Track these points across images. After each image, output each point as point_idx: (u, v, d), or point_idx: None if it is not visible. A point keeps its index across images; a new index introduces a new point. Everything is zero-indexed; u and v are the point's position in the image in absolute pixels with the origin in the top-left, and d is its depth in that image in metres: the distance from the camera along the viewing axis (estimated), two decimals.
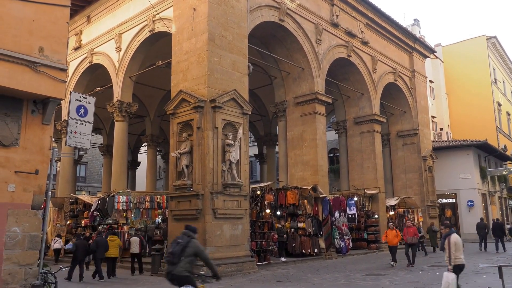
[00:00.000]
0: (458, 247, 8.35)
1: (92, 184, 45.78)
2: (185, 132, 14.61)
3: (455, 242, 8.37)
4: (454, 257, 8.28)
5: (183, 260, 6.65)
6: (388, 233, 16.70)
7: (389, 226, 17.26)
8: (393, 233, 16.53)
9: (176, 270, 6.57)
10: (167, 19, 16.87)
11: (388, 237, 16.60)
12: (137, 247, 14.99)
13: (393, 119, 28.92)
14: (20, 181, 7.76)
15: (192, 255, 6.78)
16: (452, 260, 8.29)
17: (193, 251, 6.81)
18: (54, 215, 21.23)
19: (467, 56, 43.63)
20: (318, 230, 18.70)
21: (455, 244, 8.35)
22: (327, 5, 21.64)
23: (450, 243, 8.36)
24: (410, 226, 17.62)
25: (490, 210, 34.05)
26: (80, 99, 9.27)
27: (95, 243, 14.59)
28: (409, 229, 17.09)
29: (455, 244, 8.35)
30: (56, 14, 8.20)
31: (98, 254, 14.10)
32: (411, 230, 17.04)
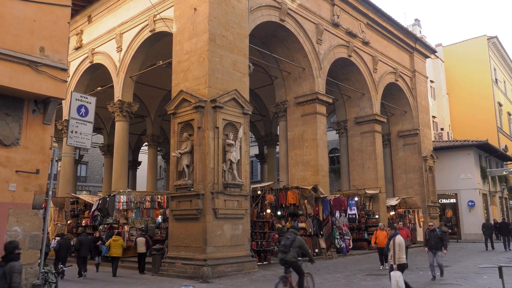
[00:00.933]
0: (401, 247, 9.00)
1: (93, 184, 45.82)
2: (185, 132, 14.62)
3: (399, 243, 9.01)
4: (398, 256, 8.92)
5: (292, 250, 9.07)
6: (379, 234, 15.49)
7: (379, 227, 15.98)
8: (383, 234, 15.18)
9: (287, 257, 9.09)
10: (168, 19, 16.88)
11: (378, 238, 15.43)
12: (143, 247, 15.18)
13: (393, 119, 28.91)
14: (21, 180, 7.77)
15: (297, 247, 9.14)
16: (397, 260, 8.92)
17: (298, 244, 9.16)
18: (54, 215, 21.27)
19: (468, 56, 43.60)
20: (318, 230, 18.70)
21: (399, 245, 9.00)
22: (328, 5, 21.64)
23: (394, 244, 9.04)
24: (402, 228, 16.44)
25: (490, 210, 34.02)
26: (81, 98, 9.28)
27: (79, 242, 14.85)
28: (401, 231, 15.80)
29: (398, 245, 9.00)
30: (57, 14, 8.21)
31: (82, 253, 14.60)
32: (403, 232, 15.39)
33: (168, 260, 14.42)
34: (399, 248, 8.99)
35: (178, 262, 13.93)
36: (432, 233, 13.15)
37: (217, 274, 13.20)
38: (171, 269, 14.07)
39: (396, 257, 8.95)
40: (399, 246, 9.00)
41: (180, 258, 13.96)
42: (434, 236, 13.06)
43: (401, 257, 8.98)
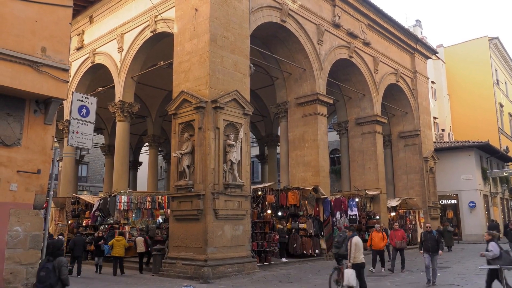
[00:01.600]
0: (358, 248, 9.72)
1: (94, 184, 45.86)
2: (186, 133, 14.63)
3: (355, 243, 9.74)
4: (354, 256, 9.67)
5: (343, 245, 10.57)
6: (374, 235, 15.12)
7: (376, 228, 15.49)
8: (379, 235, 15.05)
9: (340, 251, 10.82)
10: (169, 20, 16.90)
11: (374, 240, 15.04)
12: (142, 246, 15.36)
13: (394, 120, 28.91)
14: (22, 180, 7.78)
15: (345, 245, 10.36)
16: (352, 259, 9.69)
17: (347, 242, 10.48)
18: (55, 215, 21.29)
19: (469, 57, 43.58)
20: (319, 231, 18.70)
21: (355, 245, 9.73)
22: (329, 6, 21.65)
23: (351, 244, 9.79)
24: (398, 229, 16.11)
25: (491, 211, 34.00)
26: (82, 99, 9.29)
27: (73, 242, 14.97)
28: (396, 233, 15.60)
29: (355, 245, 9.73)
30: (59, 14, 8.22)
31: (76, 253, 14.79)
32: (399, 233, 15.56)
33: (168, 260, 14.43)
34: (356, 249, 9.66)
35: (179, 262, 13.94)
36: (429, 235, 12.52)
37: (217, 274, 13.20)
38: (172, 269, 14.08)
39: (352, 256, 9.65)
40: (355, 246, 9.68)
41: (180, 259, 13.97)
42: (431, 238, 12.43)
43: (357, 257, 9.67)
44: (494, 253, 8.81)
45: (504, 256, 8.68)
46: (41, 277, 6.59)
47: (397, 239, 15.24)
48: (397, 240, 15.22)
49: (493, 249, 8.86)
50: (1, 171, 7.57)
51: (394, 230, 15.95)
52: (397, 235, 15.42)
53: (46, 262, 6.72)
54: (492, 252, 8.86)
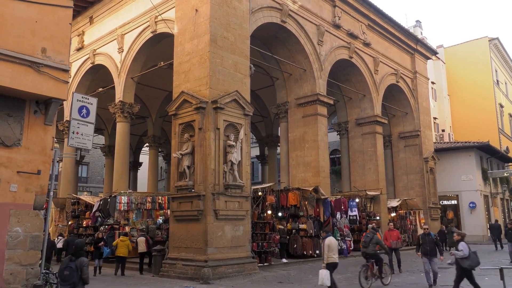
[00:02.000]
0: (331, 248, 9.90)
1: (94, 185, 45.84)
2: (186, 133, 14.63)
3: (328, 244, 9.91)
4: (327, 256, 9.82)
5: (371, 245, 12.04)
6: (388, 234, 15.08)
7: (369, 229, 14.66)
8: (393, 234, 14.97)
9: (367, 250, 12.04)
10: (169, 20, 16.89)
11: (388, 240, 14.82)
12: (144, 246, 15.41)
13: (394, 121, 28.90)
14: (22, 181, 7.78)
15: (375, 243, 12.13)
16: (325, 259, 9.84)
17: (376, 241, 12.21)
18: (55, 216, 21.30)
19: (469, 58, 43.58)
20: (319, 232, 18.67)
21: (328, 246, 9.89)
22: (329, 7, 21.65)
23: (324, 245, 9.99)
24: (393, 229, 15.66)
25: (492, 211, 33.97)
26: (82, 99, 9.29)
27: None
28: (391, 233, 15.20)
29: (328, 246, 9.89)
30: (59, 15, 8.22)
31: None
32: (394, 233, 15.19)
33: (168, 261, 14.41)
34: (329, 249, 9.85)
35: (179, 263, 13.93)
36: (427, 237, 11.87)
37: (217, 275, 13.19)
38: (172, 270, 14.06)
39: (325, 256, 9.86)
40: (328, 247, 9.87)
41: (180, 259, 13.95)
42: (429, 240, 11.79)
43: (330, 257, 9.84)
44: (464, 252, 9.11)
45: (472, 256, 9.09)
46: (65, 276, 6.81)
47: (392, 239, 14.83)
48: (392, 240, 14.81)
49: (463, 249, 9.16)
50: (1, 171, 7.57)
51: (389, 230, 15.48)
52: (392, 235, 15.06)
53: (69, 262, 6.95)
54: (462, 251, 9.15)
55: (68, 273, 6.80)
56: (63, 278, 6.82)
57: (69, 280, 6.77)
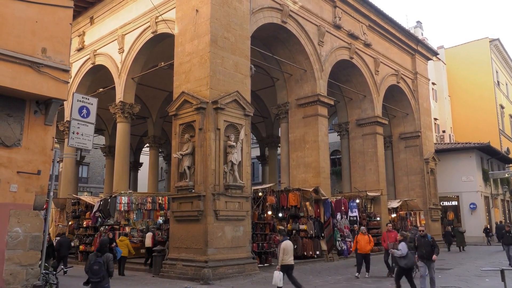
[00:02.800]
0: (286, 251, 10.33)
1: (94, 185, 45.84)
2: (187, 134, 14.62)
3: (284, 248, 10.33)
4: (282, 259, 10.28)
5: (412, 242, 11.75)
6: (360, 238, 14.33)
7: (361, 231, 14.68)
8: (365, 238, 14.25)
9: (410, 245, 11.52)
10: (170, 21, 16.89)
11: (359, 243, 14.23)
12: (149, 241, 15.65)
13: (395, 121, 28.88)
14: (22, 181, 7.78)
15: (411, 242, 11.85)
16: (280, 261, 10.32)
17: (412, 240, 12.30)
18: (56, 216, 21.27)
19: (470, 59, 43.56)
20: (319, 232, 18.67)
21: (284, 249, 10.32)
22: (330, 7, 21.64)
23: (280, 248, 10.43)
24: (391, 230, 15.03)
25: (492, 213, 33.94)
26: (82, 100, 9.29)
27: (58, 243, 15.04)
28: (389, 234, 14.58)
29: (283, 249, 10.32)
30: (59, 15, 8.22)
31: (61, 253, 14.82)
32: (392, 235, 14.46)
33: (169, 261, 14.40)
34: (284, 252, 10.29)
35: (179, 263, 13.92)
36: (423, 240, 10.99)
37: (217, 275, 13.18)
38: (172, 270, 14.05)
39: (280, 259, 10.33)
40: (283, 250, 10.31)
41: (181, 260, 13.94)
42: (425, 243, 10.91)
43: (285, 259, 10.29)
44: (401, 252, 10.14)
45: (409, 256, 10.13)
46: (95, 270, 7.55)
47: (390, 241, 14.18)
48: (390, 241, 14.15)
49: (402, 249, 10.20)
50: (1, 171, 7.57)
51: (387, 231, 14.92)
52: (390, 236, 14.43)
53: (97, 258, 7.68)
54: (401, 251, 10.18)
55: (97, 267, 7.56)
56: (93, 272, 7.57)
57: (98, 274, 7.55)
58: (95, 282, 7.61)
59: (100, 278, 7.60)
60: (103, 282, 7.67)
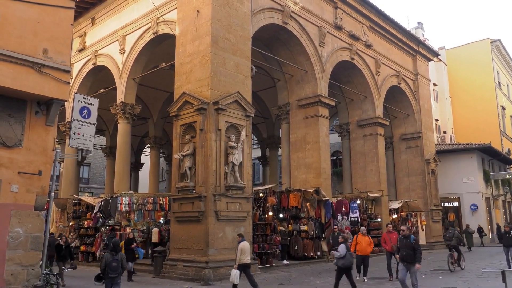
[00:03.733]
0: (243, 251, 11.07)
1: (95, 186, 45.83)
2: (188, 134, 14.63)
3: (241, 248, 11.05)
4: (239, 258, 10.98)
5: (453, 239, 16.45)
6: (360, 239, 13.44)
7: (361, 231, 13.98)
8: (365, 239, 13.45)
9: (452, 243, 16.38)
10: (171, 22, 16.91)
11: (359, 244, 13.36)
12: (156, 237, 15.75)
13: (396, 122, 28.86)
14: (23, 182, 7.78)
15: (457, 237, 16.72)
16: (237, 261, 11.00)
17: (457, 236, 16.87)
18: (57, 216, 21.29)
19: (471, 60, 43.53)
20: (320, 233, 18.66)
21: (241, 250, 11.04)
22: (331, 8, 21.65)
23: (238, 248, 11.13)
24: (392, 231, 14.31)
25: (493, 214, 33.90)
26: (83, 100, 9.29)
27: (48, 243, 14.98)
28: (391, 235, 13.84)
29: (241, 250, 11.04)
30: (60, 15, 8.23)
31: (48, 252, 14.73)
32: (393, 236, 13.74)
33: (169, 262, 14.40)
34: (241, 252, 11.02)
35: (180, 264, 13.91)
36: (404, 241, 9.98)
37: (218, 276, 13.17)
38: (173, 271, 14.05)
39: (237, 258, 11.03)
40: (241, 251, 11.05)
41: (181, 260, 13.94)
42: (406, 245, 9.87)
43: (242, 259, 11.02)
44: (340, 253, 10.62)
45: (347, 257, 10.62)
46: (114, 267, 8.51)
47: (393, 243, 13.37)
48: (393, 243, 13.32)
49: (341, 250, 10.67)
50: (2, 172, 7.58)
51: (388, 232, 14.15)
52: (392, 238, 13.69)
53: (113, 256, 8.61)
54: (339, 252, 10.65)
55: (115, 264, 8.54)
56: (111, 268, 8.50)
57: (116, 270, 8.55)
58: (112, 277, 8.54)
59: (117, 274, 8.57)
60: (118, 277, 8.66)
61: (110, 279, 8.57)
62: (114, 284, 8.65)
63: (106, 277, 8.57)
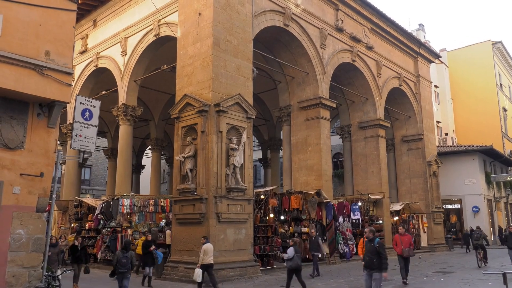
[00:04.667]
0: (206, 252, 11.77)
1: (97, 187, 45.90)
2: (189, 136, 14.65)
3: (205, 249, 11.78)
4: (202, 259, 11.69)
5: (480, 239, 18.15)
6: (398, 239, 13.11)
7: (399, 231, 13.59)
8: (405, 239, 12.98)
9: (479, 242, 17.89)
10: (173, 24, 16.96)
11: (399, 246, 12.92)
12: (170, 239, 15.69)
13: (397, 124, 28.86)
14: (25, 183, 7.80)
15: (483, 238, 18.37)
16: (200, 261, 11.71)
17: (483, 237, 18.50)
18: (58, 218, 21.31)
19: (473, 61, 43.50)
20: (322, 235, 18.63)
21: (204, 250, 11.75)
22: (332, 10, 21.67)
23: (201, 249, 11.84)
24: (404, 233, 13.55)
25: (495, 216, 33.81)
26: (85, 102, 9.31)
27: None
28: (402, 238, 13.03)
29: (204, 250, 11.75)
30: (63, 18, 8.27)
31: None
32: (405, 238, 13.00)
33: (171, 264, 14.41)
34: (204, 253, 11.73)
35: (181, 266, 13.92)
36: (369, 245, 8.83)
37: (220, 278, 13.15)
38: (174, 273, 14.05)
39: (200, 259, 11.73)
40: (204, 251, 11.75)
41: (183, 262, 13.95)
42: (370, 249, 8.72)
43: (205, 259, 11.71)
44: (288, 255, 11.24)
45: (294, 258, 11.19)
46: (124, 263, 9.68)
47: (404, 246, 12.74)
48: (404, 247, 12.72)
49: (289, 253, 11.26)
50: (4, 174, 7.60)
51: (400, 234, 13.34)
52: (403, 240, 12.93)
53: (124, 254, 9.79)
54: (288, 255, 11.29)
55: (125, 261, 9.69)
56: (122, 264, 9.67)
57: (126, 266, 9.70)
58: (123, 272, 9.70)
59: (127, 269, 9.69)
60: (128, 272, 9.79)
61: (121, 274, 9.71)
62: (124, 278, 9.74)
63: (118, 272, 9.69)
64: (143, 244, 14.12)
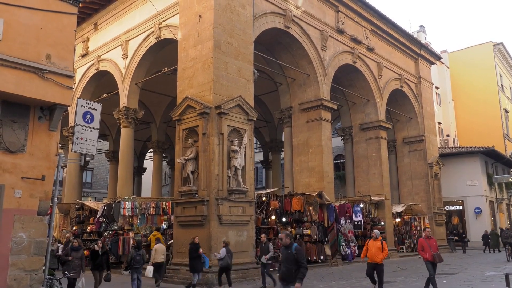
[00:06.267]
0: (158, 252, 13.10)
1: (98, 190, 45.91)
2: (190, 138, 14.65)
3: (156, 249, 13.17)
4: (153, 257, 13.02)
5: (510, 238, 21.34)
6: (371, 244, 11.37)
7: (372, 236, 11.75)
8: (377, 245, 11.25)
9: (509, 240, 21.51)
10: (173, 26, 16.99)
11: (370, 250, 11.30)
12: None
13: (399, 126, 28.83)
14: (26, 187, 7.80)
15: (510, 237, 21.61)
16: (152, 260, 13.04)
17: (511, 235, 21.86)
18: (60, 221, 21.34)
19: (474, 63, 43.45)
20: (323, 237, 18.61)
21: (156, 250, 13.13)
22: (333, 12, 21.69)
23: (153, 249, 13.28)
24: (431, 237, 11.72)
25: (497, 217, 33.72)
26: (86, 105, 9.32)
27: None
28: (430, 241, 11.39)
29: (156, 250, 13.14)
30: (63, 21, 8.28)
31: None
32: (432, 242, 11.41)
33: (172, 266, 14.40)
34: (156, 252, 13.08)
35: (183, 269, 13.90)
36: (285, 252, 7.33)
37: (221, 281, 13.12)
38: (176, 275, 14.04)
39: (152, 258, 13.07)
40: (155, 251, 13.12)
41: (184, 265, 13.91)
42: (287, 257, 7.23)
43: (156, 258, 13.01)
44: (220, 256, 12.32)
45: (225, 258, 12.25)
46: (138, 260, 11.42)
47: (433, 250, 11.22)
48: (434, 251, 11.20)
49: (221, 253, 12.34)
50: (5, 177, 7.60)
51: (427, 238, 11.56)
52: (431, 244, 11.34)
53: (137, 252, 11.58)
54: (219, 255, 12.36)
55: (139, 258, 11.37)
56: (135, 261, 11.33)
57: (139, 262, 11.35)
58: (136, 267, 11.37)
59: (140, 265, 11.32)
60: (140, 268, 11.51)
61: (134, 269, 11.39)
62: (137, 273, 11.38)
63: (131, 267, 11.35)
64: (191, 247, 12.45)
